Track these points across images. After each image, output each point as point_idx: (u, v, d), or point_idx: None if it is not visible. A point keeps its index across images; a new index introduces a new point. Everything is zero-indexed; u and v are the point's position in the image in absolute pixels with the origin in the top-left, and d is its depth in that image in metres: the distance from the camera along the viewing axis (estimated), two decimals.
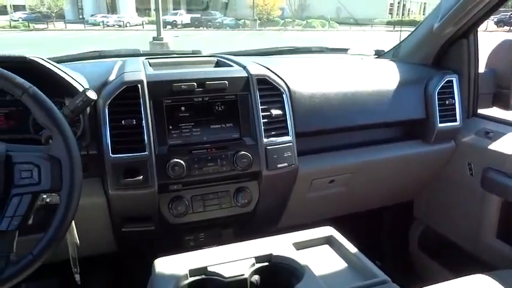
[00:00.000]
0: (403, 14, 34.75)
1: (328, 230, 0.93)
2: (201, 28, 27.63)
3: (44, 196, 0.85)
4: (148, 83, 1.08)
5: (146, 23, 27.94)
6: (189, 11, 33.70)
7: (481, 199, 1.40)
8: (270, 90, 1.19)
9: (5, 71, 0.77)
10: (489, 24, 26.15)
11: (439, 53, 1.50)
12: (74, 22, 30.72)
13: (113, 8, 33.63)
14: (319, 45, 1.82)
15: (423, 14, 35.83)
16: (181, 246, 1.25)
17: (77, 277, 1.03)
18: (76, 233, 0.99)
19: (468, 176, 1.44)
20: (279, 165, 1.17)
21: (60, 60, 1.14)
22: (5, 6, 33.34)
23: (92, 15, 31.16)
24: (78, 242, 1.00)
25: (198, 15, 30.48)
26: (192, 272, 0.77)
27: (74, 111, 0.88)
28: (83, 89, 0.95)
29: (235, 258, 0.81)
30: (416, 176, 1.57)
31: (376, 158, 1.39)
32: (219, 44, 14.84)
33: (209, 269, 0.78)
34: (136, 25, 28.34)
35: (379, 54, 1.78)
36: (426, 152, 1.44)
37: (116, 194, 1.06)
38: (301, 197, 1.35)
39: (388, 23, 27.12)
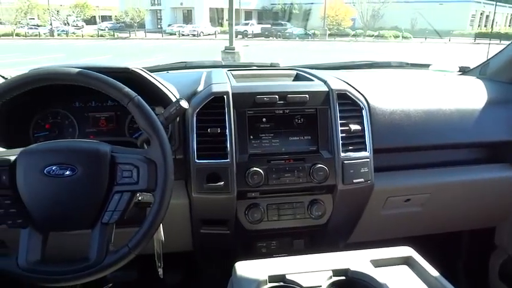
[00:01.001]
0: (485, 26, 32.52)
1: (407, 250, 0.91)
2: (271, 38, 28.04)
3: (137, 195, 0.94)
4: (233, 94, 1.14)
5: (218, 33, 29.08)
6: (259, 21, 34.47)
7: None
8: (349, 105, 1.19)
9: (116, 81, 0.87)
10: None
11: None
12: (153, 31, 32.90)
13: (188, 19, 35.43)
14: (398, 60, 1.78)
15: (509, 26, 33.19)
16: (253, 252, 1.29)
17: (160, 271, 1.11)
18: (162, 230, 1.07)
19: None
20: (354, 180, 1.16)
21: (151, 70, 1.25)
22: (94, 17, 36.58)
23: (169, 25, 33.13)
24: (163, 238, 1.08)
25: (268, 26, 31.03)
26: (272, 278, 0.80)
27: (167, 118, 0.97)
28: (176, 99, 1.03)
29: (313, 269, 0.82)
30: (500, 202, 1.46)
31: (457, 180, 1.32)
32: (289, 53, 14.97)
33: (287, 277, 0.80)
34: (209, 34, 29.58)
35: (464, 70, 1.70)
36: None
37: (198, 197, 1.13)
38: (375, 214, 1.32)
39: (469, 35, 25.50)
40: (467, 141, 1.32)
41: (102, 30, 30.87)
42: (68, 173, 0.81)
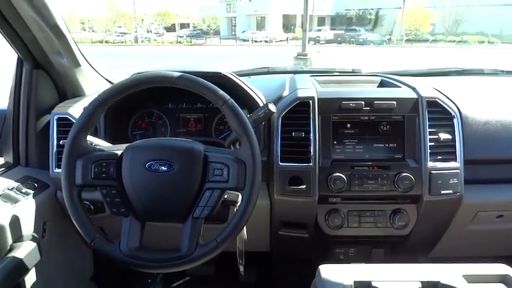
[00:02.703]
0: None
1: (504, 268, 0.85)
2: (343, 44, 27.54)
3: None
4: (319, 99, 1.15)
5: (290, 39, 29.20)
6: (332, 27, 34.03)
7: None
8: (440, 113, 1.15)
9: (212, 84, 0.93)
10: None
11: None
12: (227, 38, 34.02)
13: (261, 25, 36.09)
14: (492, 67, 1.66)
15: None
16: (330, 258, 1.29)
17: (241, 268, 1.16)
18: (245, 229, 1.11)
19: None
20: (442, 192, 1.11)
21: (238, 75, 1.30)
22: (174, 24, 38.78)
23: (242, 32, 34.00)
24: (246, 237, 1.12)
25: (342, 32, 30.51)
26: (357, 284, 0.80)
27: (256, 121, 1.01)
28: (265, 102, 1.07)
29: (400, 278, 0.80)
30: None
31: None
32: (363, 60, 14.58)
33: (373, 284, 0.79)
34: (281, 41, 29.84)
35: None
36: None
37: (280, 199, 1.15)
38: (462, 228, 1.25)
39: None
40: None
41: (180, 37, 32.59)
42: (166, 168, 0.88)
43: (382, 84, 1.39)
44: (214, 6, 38.50)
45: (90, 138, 0.96)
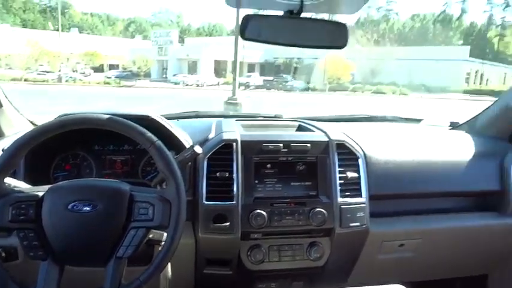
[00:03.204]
0: (480, 83, 33.59)
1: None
2: (272, 90, 28.85)
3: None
4: (242, 141, 1.25)
5: (221, 84, 29.96)
6: (262, 74, 35.63)
7: None
8: (347, 154, 1.30)
9: (139, 126, 0.98)
10: None
11: None
12: (158, 80, 33.91)
13: (193, 69, 36.63)
14: (393, 115, 1.91)
15: (503, 84, 34.26)
16: None
17: None
18: (170, 268, 1.13)
19: None
20: (351, 224, 1.24)
21: (166, 118, 1.37)
22: (103, 65, 37.89)
23: (174, 75, 34.18)
24: (170, 276, 1.13)
25: (270, 78, 32.04)
26: None
27: (182, 162, 1.07)
28: (191, 144, 1.13)
29: None
30: (490, 250, 1.53)
31: (447, 226, 1.40)
32: (290, 105, 15.37)
33: None
34: (212, 85, 30.46)
35: (454, 125, 1.82)
36: (501, 224, 1.43)
37: (204, 237, 1.20)
38: (372, 257, 1.39)
39: (465, 92, 26.28)
40: (457, 190, 1.42)
41: (108, 78, 31.78)
42: (89, 208, 0.88)
43: (299, 128, 1.53)
44: (145, 49, 38.47)
45: (8, 180, 0.94)
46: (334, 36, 1.13)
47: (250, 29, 1.11)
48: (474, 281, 1.68)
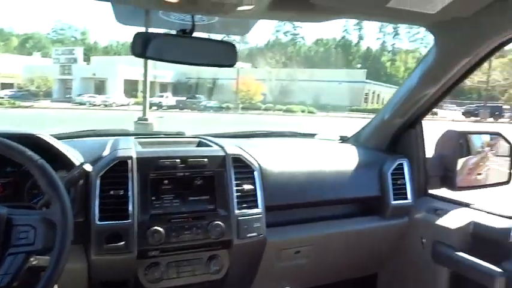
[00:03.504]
0: (377, 102, 37.16)
1: None
2: (186, 110, 28.66)
3: (32, 259, 0.94)
4: (137, 159, 1.24)
5: (132, 104, 28.91)
6: (175, 94, 35.25)
7: (433, 271, 1.53)
8: (243, 167, 1.36)
9: (18, 145, 0.92)
10: (457, 114, 28.37)
11: (391, 140, 1.74)
12: (61, 101, 31.53)
13: (101, 89, 34.84)
14: (290, 131, 2.05)
15: None
16: None
17: None
18: None
19: (421, 250, 1.58)
20: (248, 235, 1.29)
21: (59, 138, 1.30)
22: None
23: (79, 95, 32.13)
24: None
25: (183, 98, 31.88)
26: None
27: (70, 180, 1.02)
28: (80, 162, 1.09)
29: None
30: (375, 250, 1.70)
31: (336, 231, 1.53)
32: (202, 125, 15.39)
33: None
34: (122, 105, 29.23)
35: (344, 139, 2.01)
36: (382, 226, 1.60)
37: (97, 259, 1.15)
38: (271, 266, 1.45)
39: (357, 110, 28.92)
40: (344, 197, 1.56)
41: (1, 98, 28.73)
42: None
43: (199, 144, 1.57)
44: (45, 66, 35.71)
45: None
46: (223, 56, 1.20)
47: (140, 47, 1.13)
48: (365, 281, 1.84)
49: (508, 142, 1.69)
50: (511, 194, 2.09)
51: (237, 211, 1.29)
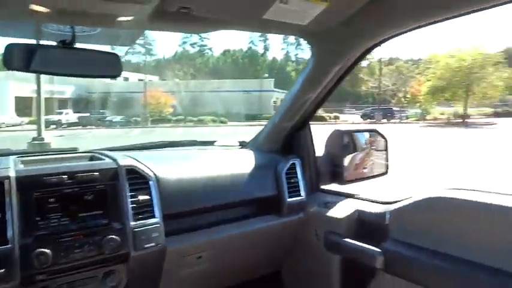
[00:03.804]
0: None
1: None
2: (89, 127, 26.93)
3: None
4: (17, 178, 1.15)
5: (26, 123, 26.28)
6: (76, 110, 32.88)
7: (327, 260, 1.66)
8: (137, 178, 1.34)
9: None
10: (356, 117, 30.97)
11: (284, 142, 1.85)
12: None
13: None
14: (189, 140, 2.07)
15: None
16: None
17: None
18: None
19: (315, 241, 1.71)
20: (146, 246, 1.28)
21: None
22: None
23: None
24: None
25: (87, 114, 29.93)
26: None
27: None
28: None
29: None
30: (275, 247, 1.79)
31: (237, 233, 1.58)
32: (105, 141, 14.60)
33: None
34: (14, 125, 26.42)
35: (243, 144, 2.09)
36: (280, 223, 1.69)
37: None
38: (174, 275, 1.45)
39: (267, 118, 29.87)
40: (243, 199, 1.62)
41: None
42: None
43: (91, 159, 1.51)
44: None
45: None
46: (108, 66, 1.18)
47: (16, 59, 1.06)
48: (271, 278, 1.92)
49: (384, 137, 1.92)
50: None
51: (132, 223, 1.27)
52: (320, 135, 1.93)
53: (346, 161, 1.80)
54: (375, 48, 1.50)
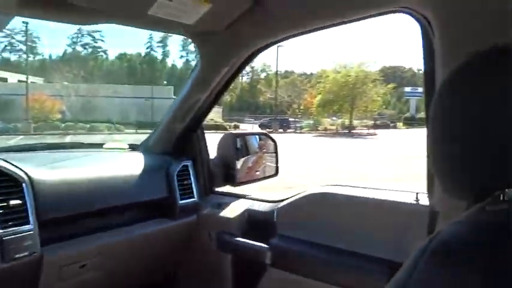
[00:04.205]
0: None
1: None
2: None
3: None
4: None
5: None
6: None
7: (220, 259, 1.69)
8: (7, 181, 1.20)
9: None
10: (255, 127, 31.98)
11: (176, 144, 1.84)
12: None
13: None
14: (74, 141, 1.92)
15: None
16: None
17: None
18: None
19: (209, 242, 1.73)
20: (17, 255, 1.15)
21: None
22: None
23: None
24: None
25: None
26: None
27: None
28: None
29: None
30: (168, 250, 1.76)
31: (126, 238, 1.51)
32: None
33: None
34: None
35: (133, 147, 2.01)
36: (172, 226, 1.67)
37: None
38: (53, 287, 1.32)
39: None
40: (132, 202, 1.56)
41: None
42: None
43: None
44: None
45: None
46: None
47: None
48: (166, 282, 1.87)
49: (273, 141, 2.02)
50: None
51: (0, 231, 1.13)
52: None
53: (239, 163, 1.85)
54: (260, 54, 1.58)
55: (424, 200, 1.24)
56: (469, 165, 0.55)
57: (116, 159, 1.71)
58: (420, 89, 36.44)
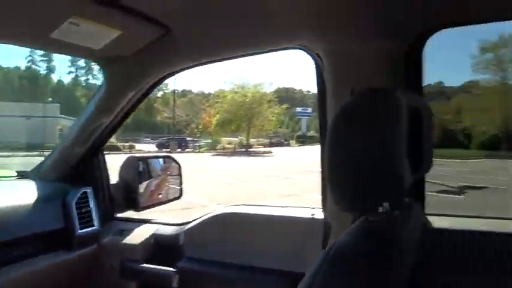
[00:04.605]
0: None
1: None
2: None
3: None
4: None
5: None
6: None
7: None
8: None
9: None
10: (152, 146, 30.86)
11: (74, 170, 1.73)
12: None
13: None
14: None
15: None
16: None
17: None
18: None
19: (111, 271, 1.65)
20: None
21: None
22: None
23: None
24: None
25: None
26: None
27: None
28: None
29: None
30: (69, 283, 1.63)
31: (17, 275, 1.37)
32: None
33: None
34: None
35: (22, 175, 1.84)
36: (70, 258, 1.56)
37: None
38: None
39: (50, 148, 26.75)
40: (22, 236, 1.42)
41: None
42: None
43: None
44: None
45: None
46: None
47: None
48: None
49: (177, 163, 2.03)
50: None
51: None
52: (114, 164, 1.90)
53: (142, 187, 1.81)
54: (168, 78, 1.61)
55: (319, 215, 1.38)
56: (354, 184, 0.68)
57: (2, 189, 1.55)
58: (310, 109, 39.54)
